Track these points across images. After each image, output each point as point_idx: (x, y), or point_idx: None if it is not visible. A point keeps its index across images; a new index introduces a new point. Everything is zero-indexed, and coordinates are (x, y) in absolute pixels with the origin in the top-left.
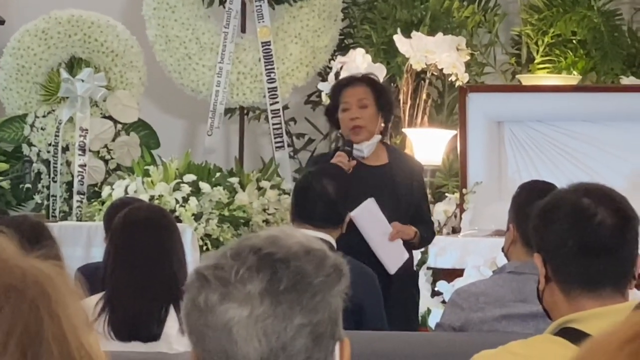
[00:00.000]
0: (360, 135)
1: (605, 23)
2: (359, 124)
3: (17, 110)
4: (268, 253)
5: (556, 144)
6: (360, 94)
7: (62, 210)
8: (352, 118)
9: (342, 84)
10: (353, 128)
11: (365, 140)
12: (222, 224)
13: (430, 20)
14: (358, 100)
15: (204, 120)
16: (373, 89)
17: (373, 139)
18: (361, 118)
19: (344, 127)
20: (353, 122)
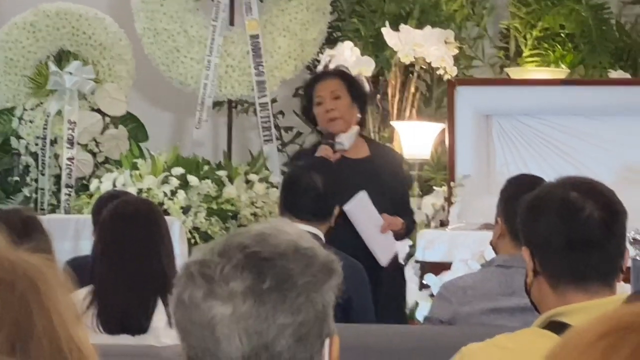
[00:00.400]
0: (338, 126)
1: (593, 17)
2: (335, 115)
3: (6, 103)
4: (254, 252)
5: (544, 137)
6: (332, 86)
7: (50, 203)
8: (327, 110)
9: (314, 80)
10: (329, 120)
11: (342, 131)
12: (211, 217)
13: (418, 13)
14: (331, 92)
15: (192, 114)
16: (344, 80)
17: (352, 130)
18: (336, 109)
19: (320, 121)
20: (328, 114)
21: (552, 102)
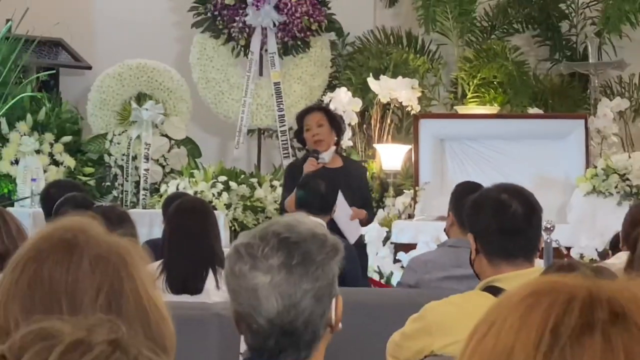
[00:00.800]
0: (321, 146)
1: (517, 70)
2: (319, 138)
3: (101, 130)
4: (285, 237)
5: (483, 155)
6: (317, 117)
7: (131, 202)
8: (314, 135)
9: (304, 113)
10: (315, 142)
11: (325, 150)
12: (245, 212)
13: (393, 67)
14: (316, 122)
15: (232, 138)
16: (326, 113)
17: (331, 149)
18: (320, 134)
19: (308, 143)
20: (314, 137)
21: (487, 130)
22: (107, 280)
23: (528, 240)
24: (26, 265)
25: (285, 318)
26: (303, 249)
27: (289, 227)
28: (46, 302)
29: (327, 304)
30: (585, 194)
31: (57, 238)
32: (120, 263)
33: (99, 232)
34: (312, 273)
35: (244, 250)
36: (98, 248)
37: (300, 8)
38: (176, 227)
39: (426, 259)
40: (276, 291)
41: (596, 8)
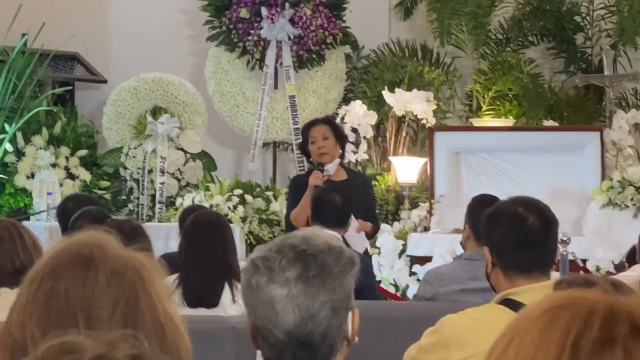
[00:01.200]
0: (326, 158)
1: (532, 82)
2: (324, 151)
3: (116, 144)
4: (302, 249)
5: (498, 168)
6: (322, 130)
7: (147, 215)
8: (319, 147)
9: (309, 125)
10: (320, 154)
11: (329, 162)
12: (261, 225)
13: (408, 80)
14: (321, 134)
15: (247, 151)
16: (331, 126)
17: (335, 161)
18: (325, 147)
19: (313, 155)
20: (320, 150)
21: (503, 143)
22: (124, 295)
23: (544, 253)
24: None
25: (303, 330)
26: (320, 261)
27: (306, 239)
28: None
29: (344, 316)
30: (601, 206)
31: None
32: (136, 278)
33: (115, 247)
34: (329, 285)
35: (261, 263)
36: (114, 263)
37: (315, 21)
38: (192, 240)
39: (442, 271)
40: (293, 303)
41: (611, 20)
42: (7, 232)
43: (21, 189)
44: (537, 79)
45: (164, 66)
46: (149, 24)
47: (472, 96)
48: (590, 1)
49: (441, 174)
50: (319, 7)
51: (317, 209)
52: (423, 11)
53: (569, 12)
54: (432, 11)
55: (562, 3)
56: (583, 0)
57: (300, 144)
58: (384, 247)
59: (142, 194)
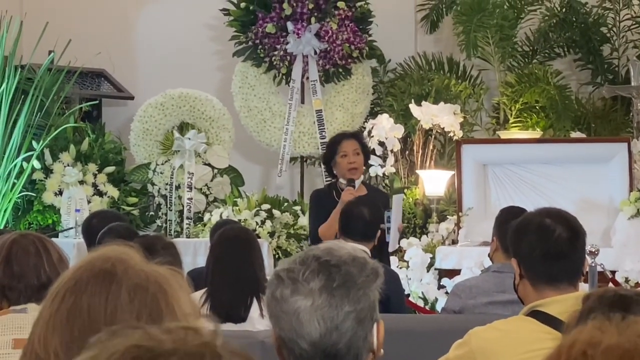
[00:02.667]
0: (356, 175)
1: (559, 94)
2: (356, 166)
3: (144, 160)
4: (325, 260)
5: (525, 180)
6: (354, 145)
7: (175, 231)
8: (350, 162)
9: (339, 139)
10: (350, 169)
11: (358, 178)
12: (289, 239)
13: (434, 93)
14: (353, 150)
15: (275, 166)
16: (359, 142)
17: (360, 178)
18: (356, 162)
19: (342, 169)
20: (351, 165)
21: (530, 155)
22: (146, 310)
23: (572, 264)
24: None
25: (328, 341)
26: (344, 272)
27: (329, 251)
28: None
29: (369, 327)
30: (630, 217)
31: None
32: (159, 292)
33: (137, 261)
34: (353, 295)
35: (285, 274)
36: (136, 278)
37: (341, 35)
38: (220, 255)
39: (470, 284)
40: (318, 314)
41: (637, 31)
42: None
43: (49, 205)
44: (564, 90)
45: (190, 82)
46: (175, 40)
47: (499, 108)
48: (616, 12)
49: (469, 186)
50: (345, 21)
51: (346, 222)
52: (449, 24)
53: (596, 24)
54: (458, 24)
55: (588, 14)
56: (609, 12)
57: (325, 156)
58: (412, 261)
59: (170, 209)
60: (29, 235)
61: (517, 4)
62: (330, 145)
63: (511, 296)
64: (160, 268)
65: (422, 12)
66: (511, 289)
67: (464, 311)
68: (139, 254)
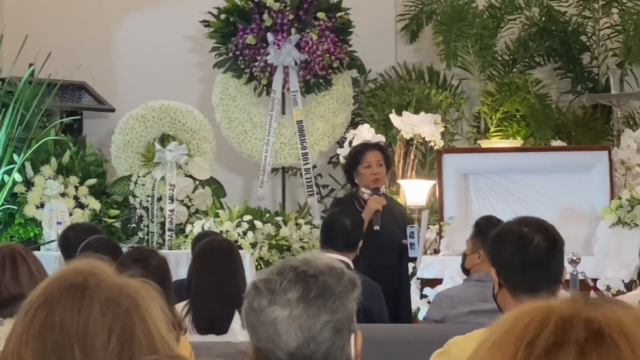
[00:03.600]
0: (379, 185)
1: (539, 103)
2: (379, 177)
3: (125, 172)
4: (303, 270)
5: (506, 189)
6: (377, 156)
7: (157, 242)
8: (374, 173)
9: (364, 148)
10: (374, 180)
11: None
12: (271, 250)
13: (415, 103)
14: (377, 161)
15: (256, 177)
16: (384, 154)
17: (383, 188)
18: (379, 173)
19: (366, 179)
20: (374, 176)
21: (511, 163)
22: (119, 323)
23: (550, 273)
24: (37, 311)
25: (306, 351)
26: (321, 282)
27: (306, 261)
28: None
29: (347, 337)
30: (611, 225)
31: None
32: (131, 305)
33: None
34: (330, 305)
35: (263, 285)
36: (109, 291)
37: (322, 46)
38: (202, 267)
39: (452, 294)
40: (295, 324)
41: (617, 39)
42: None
43: (31, 218)
44: (544, 99)
45: (171, 94)
46: (155, 52)
47: (479, 118)
48: (596, 21)
49: (450, 196)
50: (325, 32)
51: (327, 232)
52: (429, 34)
53: (575, 32)
54: (438, 34)
55: (567, 23)
56: (589, 20)
57: (347, 166)
58: None
59: (152, 221)
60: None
61: (497, 13)
62: (354, 155)
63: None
64: (132, 280)
65: (402, 22)
66: (492, 298)
67: (446, 321)
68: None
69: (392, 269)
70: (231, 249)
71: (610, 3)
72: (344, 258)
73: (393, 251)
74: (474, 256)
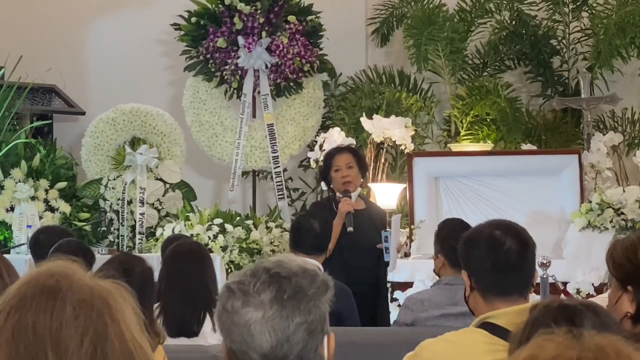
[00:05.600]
0: (350, 187)
1: (509, 106)
2: (348, 180)
3: (95, 175)
4: (276, 272)
5: (476, 192)
6: (347, 159)
7: (128, 246)
8: (343, 176)
9: (334, 152)
10: (344, 183)
11: (353, 190)
12: (242, 253)
13: (385, 106)
14: (346, 164)
15: (227, 180)
16: (355, 155)
17: (357, 190)
18: (349, 176)
19: (337, 183)
20: (344, 179)
21: (481, 167)
22: (91, 325)
23: (522, 276)
24: (10, 314)
25: (279, 352)
26: (294, 283)
27: (279, 263)
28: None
29: (320, 339)
30: (581, 228)
31: (40, 284)
32: (103, 306)
33: (81, 276)
34: (304, 307)
35: (236, 287)
36: (81, 293)
37: (292, 49)
38: (173, 270)
39: (422, 297)
40: (269, 325)
41: (587, 43)
42: None
43: (1, 222)
44: (514, 103)
45: (142, 97)
46: (126, 55)
47: (450, 121)
48: (566, 25)
49: (420, 199)
50: (296, 36)
51: (296, 235)
52: (400, 38)
53: (545, 36)
54: (408, 37)
55: (538, 27)
56: (559, 24)
57: (321, 170)
58: None
59: (122, 224)
60: None
61: (467, 17)
62: (325, 160)
63: (463, 308)
64: (104, 282)
65: (373, 26)
66: (462, 302)
67: (416, 324)
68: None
69: (368, 272)
70: (201, 252)
71: (581, 7)
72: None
73: (369, 254)
74: (437, 260)
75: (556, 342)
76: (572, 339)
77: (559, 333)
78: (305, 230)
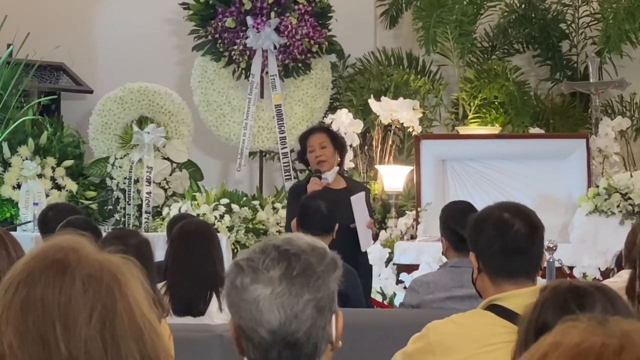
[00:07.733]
0: (324, 167)
1: (517, 90)
2: (322, 159)
3: (102, 154)
4: (285, 249)
5: (483, 175)
6: (320, 139)
7: (134, 225)
8: (317, 156)
9: (307, 134)
10: (318, 162)
11: (328, 170)
12: (248, 234)
13: (394, 88)
14: (319, 143)
15: (234, 161)
16: (329, 134)
17: (334, 169)
18: (323, 155)
19: (312, 163)
20: (318, 158)
21: (488, 150)
22: (100, 300)
23: (530, 259)
24: (18, 288)
25: (288, 329)
26: (303, 260)
27: (289, 240)
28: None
29: (328, 316)
30: (587, 213)
31: (49, 259)
32: (112, 281)
33: (90, 250)
34: (313, 284)
35: (245, 263)
36: (90, 267)
37: (301, 30)
38: (179, 249)
39: (428, 279)
40: (277, 302)
41: (596, 27)
42: None
43: (7, 199)
44: (522, 86)
45: (150, 76)
46: (134, 34)
47: (458, 104)
48: (575, 9)
49: (427, 182)
50: (305, 16)
51: (302, 216)
52: (409, 20)
53: (555, 20)
54: (417, 19)
55: (547, 11)
56: (569, 8)
57: (299, 153)
58: (370, 256)
59: (129, 203)
60: None
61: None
62: (300, 143)
63: (469, 291)
64: (113, 257)
65: (382, 8)
66: (469, 284)
67: (422, 306)
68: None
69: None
70: (208, 231)
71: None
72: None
73: (343, 235)
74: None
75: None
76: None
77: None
78: (313, 211)
